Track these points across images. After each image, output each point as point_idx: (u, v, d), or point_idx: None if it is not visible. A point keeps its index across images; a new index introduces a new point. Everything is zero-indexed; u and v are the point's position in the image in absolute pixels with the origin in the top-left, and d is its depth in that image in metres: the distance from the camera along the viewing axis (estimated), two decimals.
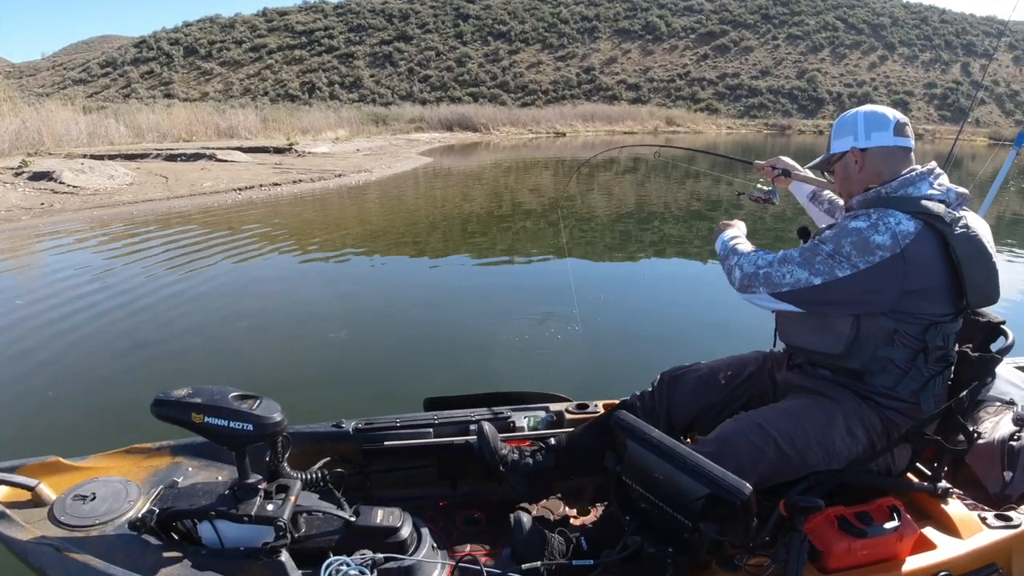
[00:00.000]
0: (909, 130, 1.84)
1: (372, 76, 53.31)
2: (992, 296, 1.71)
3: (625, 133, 39.40)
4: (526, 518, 1.85)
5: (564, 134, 36.89)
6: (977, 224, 1.71)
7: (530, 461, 2.10)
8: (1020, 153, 3.40)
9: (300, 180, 14.38)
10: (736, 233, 2.05)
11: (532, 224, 10.62)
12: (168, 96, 46.50)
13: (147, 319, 5.42)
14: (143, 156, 17.14)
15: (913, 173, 1.78)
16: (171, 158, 16.99)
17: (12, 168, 12.52)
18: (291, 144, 20.63)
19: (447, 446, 2.30)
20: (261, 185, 13.42)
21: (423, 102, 44.36)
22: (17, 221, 9.55)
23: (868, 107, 1.88)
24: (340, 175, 15.55)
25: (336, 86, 51.96)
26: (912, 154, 1.84)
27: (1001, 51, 55.53)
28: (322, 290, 6.37)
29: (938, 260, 1.65)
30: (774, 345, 2.06)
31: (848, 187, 1.90)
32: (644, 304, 5.81)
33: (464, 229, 10.18)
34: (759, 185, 2.42)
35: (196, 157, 17.09)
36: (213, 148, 18.35)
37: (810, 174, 2.33)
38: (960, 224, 1.66)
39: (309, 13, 61.08)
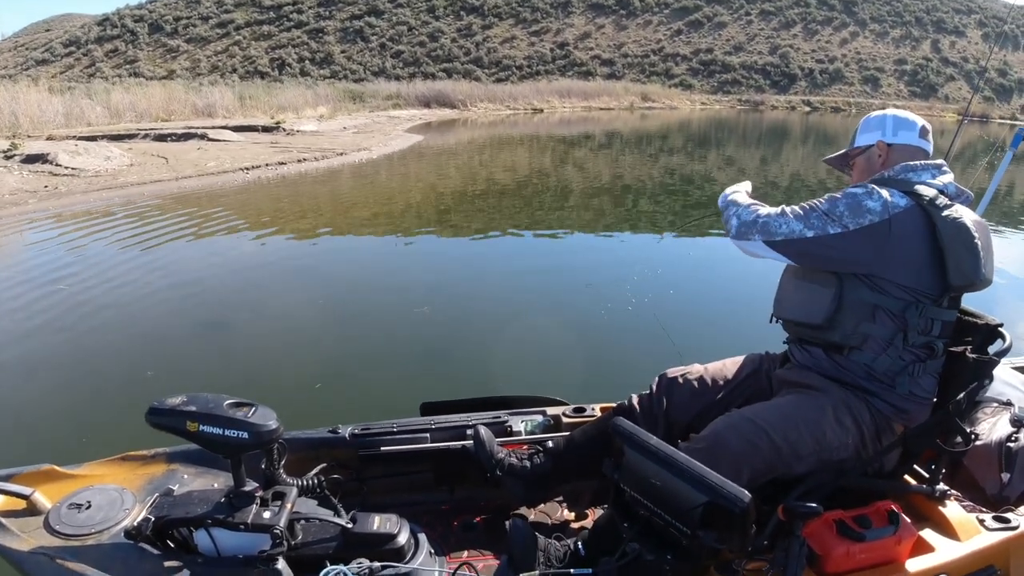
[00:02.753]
0: (930, 137, 1.99)
1: (343, 52, 52.37)
2: (971, 276, 1.73)
3: (601, 109, 39.35)
4: (523, 524, 1.84)
5: (541, 110, 36.77)
6: (968, 216, 1.78)
7: (527, 465, 2.11)
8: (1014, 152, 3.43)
9: (304, 159, 14.35)
10: (738, 188, 2.11)
11: (531, 211, 10.48)
12: (134, 75, 45.39)
13: (147, 318, 5.27)
14: (130, 137, 16.86)
15: (917, 163, 1.90)
16: (161, 138, 16.79)
17: (2, 151, 12.17)
18: (277, 123, 20.40)
19: (444, 451, 2.29)
20: (267, 164, 13.39)
21: (396, 78, 43.66)
22: (24, 204, 9.28)
23: (896, 111, 2.03)
24: (342, 153, 15.52)
25: (307, 62, 50.90)
26: (929, 159, 1.96)
27: (971, 28, 56.12)
28: (323, 289, 6.13)
29: (921, 235, 1.74)
30: (771, 321, 2.09)
31: (866, 179, 1.98)
32: (641, 304, 5.70)
33: (459, 216, 10.02)
34: None
35: (187, 137, 16.88)
36: (202, 128, 18.08)
37: None
38: (949, 209, 1.74)
39: None
